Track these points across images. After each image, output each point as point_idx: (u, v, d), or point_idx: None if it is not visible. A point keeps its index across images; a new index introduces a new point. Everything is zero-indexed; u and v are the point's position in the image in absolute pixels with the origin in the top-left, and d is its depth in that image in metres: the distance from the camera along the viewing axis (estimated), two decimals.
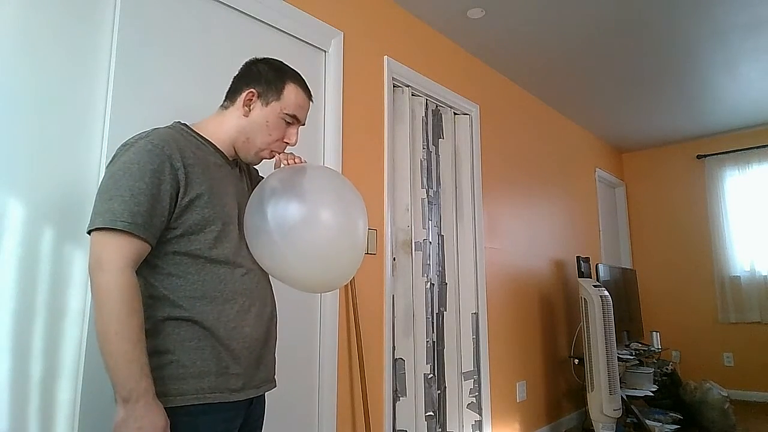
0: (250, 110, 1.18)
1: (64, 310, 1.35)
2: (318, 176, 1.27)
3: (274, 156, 1.24)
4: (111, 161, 1.06)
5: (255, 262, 1.17)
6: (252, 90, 1.18)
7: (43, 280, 1.32)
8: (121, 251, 0.96)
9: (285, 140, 1.22)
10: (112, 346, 0.93)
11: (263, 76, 1.19)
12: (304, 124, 1.26)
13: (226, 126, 1.19)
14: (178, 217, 1.05)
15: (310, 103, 1.26)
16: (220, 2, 1.84)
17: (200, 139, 1.16)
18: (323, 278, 1.21)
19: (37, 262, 1.31)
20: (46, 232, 1.34)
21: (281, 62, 1.25)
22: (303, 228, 1.14)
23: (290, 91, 1.20)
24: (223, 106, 1.22)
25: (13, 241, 1.28)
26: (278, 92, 1.19)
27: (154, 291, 1.03)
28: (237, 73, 1.24)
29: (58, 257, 1.35)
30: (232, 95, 1.21)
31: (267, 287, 1.21)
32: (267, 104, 1.19)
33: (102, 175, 1.44)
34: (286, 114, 1.19)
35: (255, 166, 1.36)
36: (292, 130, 1.22)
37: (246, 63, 1.24)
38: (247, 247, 1.16)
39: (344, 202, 1.22)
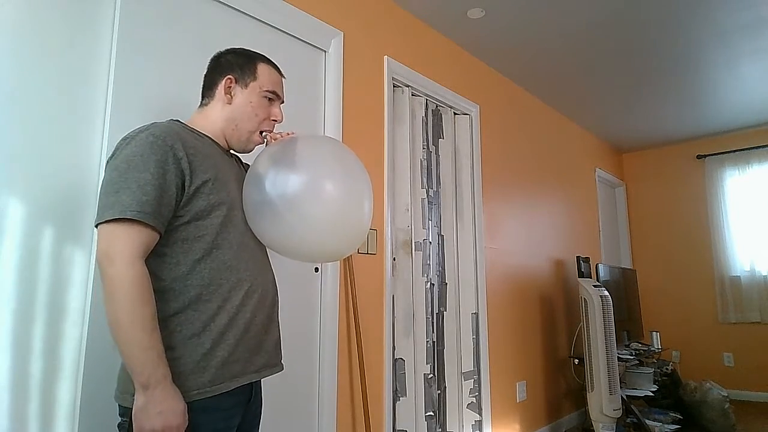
0: (232, 96, 1.22)
1: (64, 310, 1.35)
2: (311, 143, 1.28)
3: (265, 138, 1.27)
4: (112, 156, 1.06)
5: (259, 248, 1.20)
6: (229, 76, 1.22)
7: (43, 280, 1.32)
8: (131, 242, 0.97)
9: (272, 118, 1.26)
10: (128, 336, 0.94)
11: (234, 63, 1.24)
12: (284, 101, 1.30)
13: (212, 119, 1.22)
14: (185, 205, 1.06)
15: (283, 79, 1.30)
16: (220, 2, 1.84)
17: (196, 132, 1.18)
18: (330, 246, 1.22)
19: (37, 262, 1.31)
20: (46, 232, 1.34)
21: (244, 48, 1.30)
22: (305, 194, 1.16)
23: (263, 69, 1.25)
24: (203, 104, 1.25)
25: (13, 241, 1.28)
26: (253, 73, 1.23)
27: (161, 285, 1.04)
28: (206, 70, 1.27)
29: (58, 257, 1.35)
30: (208, 90, 1.25)
31: (270, 273, 1.23)
32: (246, 86, 1.22)
33: (102, 174, 1.45)
34: (266, 91, 1.24)
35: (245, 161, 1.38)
36: (276, 107, 1.27)
37: (212, 59, 1.28)
38: (252, 232, 1.18)
39: (344, 166, 1.23)
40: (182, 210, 1.06)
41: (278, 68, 1.29)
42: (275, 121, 1.26)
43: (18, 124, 1.32)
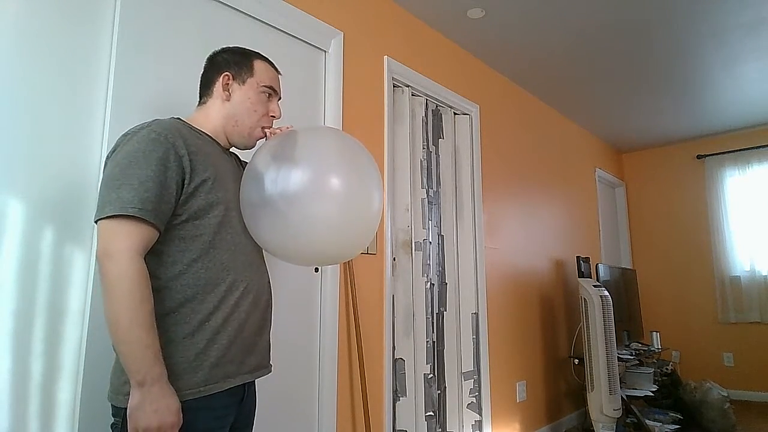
0: (230, 93, 1.23)
1: (64, 310, 1.35)
2: (311, 135, 1.25)
3: (265, 134, 1.28)
4: (113, 151, 1.07)
5: (255, 250, 1.20)
6: (226, 73, 1.22)
7: (43, 280, 1.32)
8: (130, 238, 0.97)
9: (270, 114, 1.27)
10: (126, 334, 0.94)
11: (230, 60, 1.24)
12: (281, 98, 1.31)
13: (212, 117, 1.23)
14: (183, 203, 1.06)
15: (279, 75, 1.31)
16: (220, 2, 1.84)
17: (197, 131, 1.19)
18: (336, 247, 1.18)
19: (37, 262, 1.31)
20: (46, 231, 1.34)
21: (238, 46, 1.31)
22: (309, 191, 1.12)
23: (259, 65, 1.26)
24: (202, 102, 1.26)
25: (13, 241, 1.28)
26: (249, 69, 1.24)
27: (157, 283, 1.04)
28: (203, 70, 1.28)
29: (58, 257, 1.35)
30: (206, 89, 1.26)
31: (265, 276, 1.24)
32: (244, 83, 1.23)
33: (102, 173, 1.45)
34: (264, 87, 1.25)
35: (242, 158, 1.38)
36: (274, 103, 1.28)
37: (207, 59, 1.29)
38: (248, 234, 1.18)
39: (348, 157, 1.19)
40: (181, 208, 1.06)
41: (274, 65, 1.30)
42: (273, 117, 1.27)
43: (18, 123, 1.32)
